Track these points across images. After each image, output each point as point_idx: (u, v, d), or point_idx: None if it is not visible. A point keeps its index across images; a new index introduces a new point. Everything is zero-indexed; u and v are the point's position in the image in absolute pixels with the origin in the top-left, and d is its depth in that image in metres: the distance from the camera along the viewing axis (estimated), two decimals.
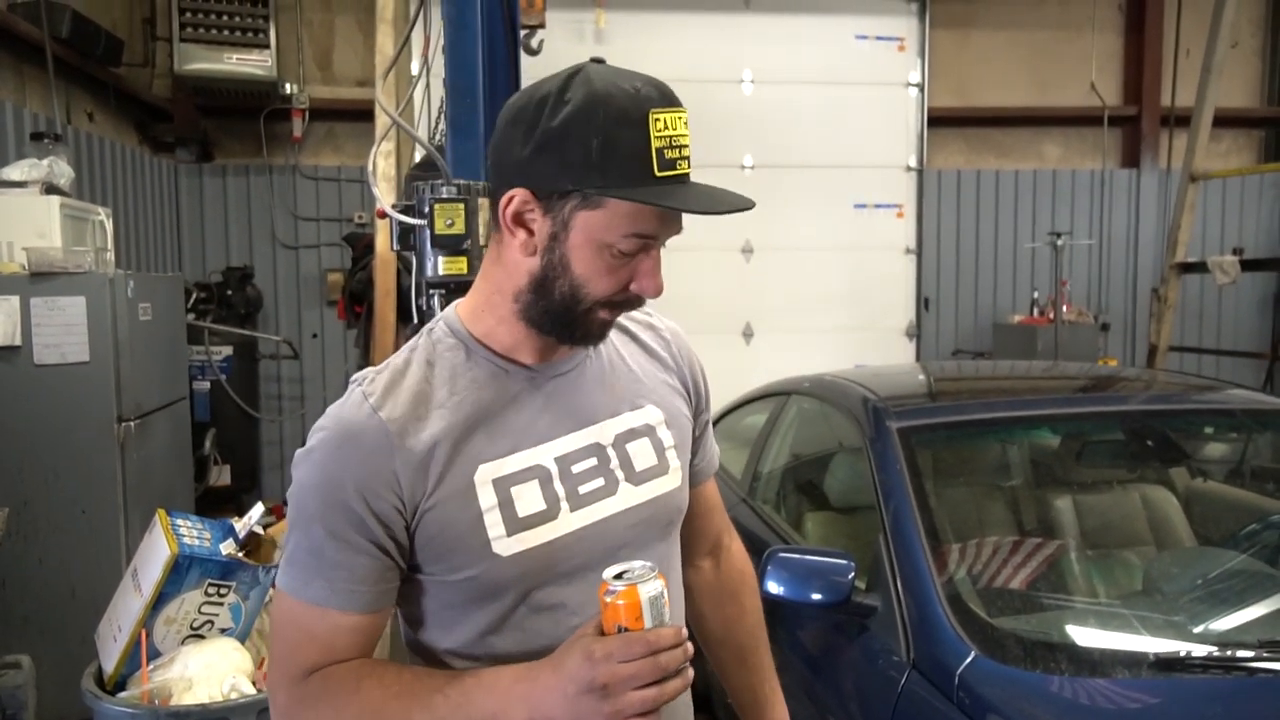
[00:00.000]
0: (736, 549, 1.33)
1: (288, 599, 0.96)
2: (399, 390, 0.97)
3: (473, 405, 0.98)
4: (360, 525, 0.93)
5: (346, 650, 0.96)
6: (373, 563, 0.94)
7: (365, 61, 5.77)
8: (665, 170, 0.91)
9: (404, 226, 2.04)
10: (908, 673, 1.70)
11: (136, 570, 2.02)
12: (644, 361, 1.14)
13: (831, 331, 6.19)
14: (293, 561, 0.96)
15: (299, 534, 0.95)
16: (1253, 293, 6.61)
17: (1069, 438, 2.55)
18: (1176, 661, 1.54)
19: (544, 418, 1.02)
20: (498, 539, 0.96)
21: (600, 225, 0.93)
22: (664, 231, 0.96)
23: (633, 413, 1.09)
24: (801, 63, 6.11)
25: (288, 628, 0.97)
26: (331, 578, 0.93)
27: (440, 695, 0.91)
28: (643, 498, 1.06)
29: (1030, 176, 6.47)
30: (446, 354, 1.01)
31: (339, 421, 0.96)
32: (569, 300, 0.96)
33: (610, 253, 0.94)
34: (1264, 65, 6.70)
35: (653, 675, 0.85)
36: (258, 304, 5.77)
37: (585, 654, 0.86)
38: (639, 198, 0.90)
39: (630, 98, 0.91)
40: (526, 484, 0.99)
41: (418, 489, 0.94)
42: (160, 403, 3.59)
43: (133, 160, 5.09)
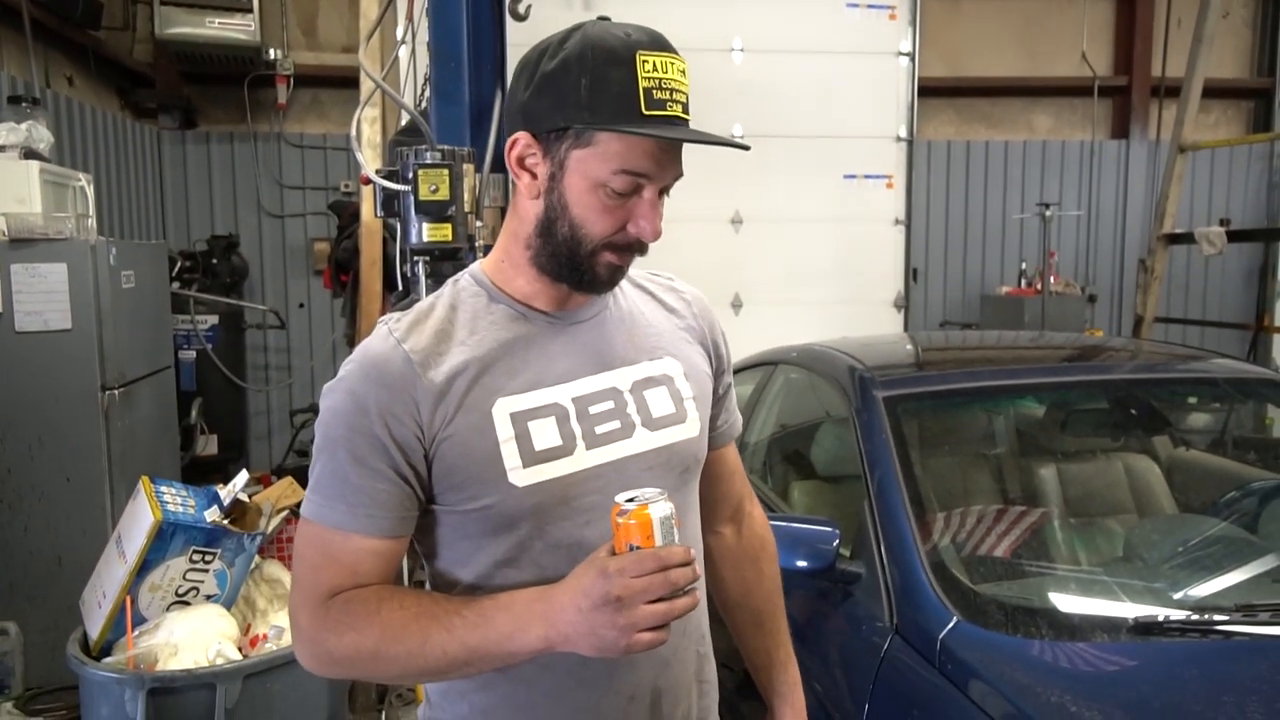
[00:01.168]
0: (758, 515, 1.35)
1: (311, 524, 1.00)
2: (423, 327, 1.02)
3: (493, 343, 1.03)
4: (382, 451, 0.97)
5: (368, 574, 0.99)
6: (393, 489, 0.98)
7: (350, 27, 5.68)
8: (654, 110, 0.95)
9: (388, 193, 2.02)
10: (891, 638, 1.71)
11: (121, 537, 2.02)
12: (664, 318, 1.17)
13: (820, 302, 6.18)
14: (317, 487, 0.99)
15: (324, 459, 0.99)
16: (1239, 264, 6.64)
17: (1054, 407, 2.56)
18: (1154, 625, 1.56)
19: (563, 360, 1.05)
20: (514, 470, 0.99)
21: (592, 162, 0.97)
22: (657, 172, 0.98)
23: (651, 362, 1.12)
24: (792, 31, 6.04)
25: (310, 552, 1.00)
26: (354, 502, 0.97)
27: (458, 617, 0.95)
28: (658, 443, 1.08)
29: (1020, 147, 6.45)
30: (469, 299, 1.06)
31: (365, 353, 1.01)
32: (571, 242, 1.00)
33: (605, 192, 0.98)
34: (1254, 36, 6.67)
35: (664, 589, 0.89)
36: (243, 273, 5.72)
37: (600, 569, 0.90)
38: (624, 128, 0.94)
39: (621, 41, 0.96)
40: (544, 420, 1.02)
41: (437, 418, 0.98)
42: (145, 371, 3.57)
43: (114, 126, 5.01)
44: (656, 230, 1.01)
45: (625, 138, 0.96)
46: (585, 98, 0.95)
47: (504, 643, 0.94)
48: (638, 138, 0.96)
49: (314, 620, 0.99)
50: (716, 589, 1.33)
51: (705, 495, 1.24)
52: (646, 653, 1.02)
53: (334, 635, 0.97)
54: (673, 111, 0.96)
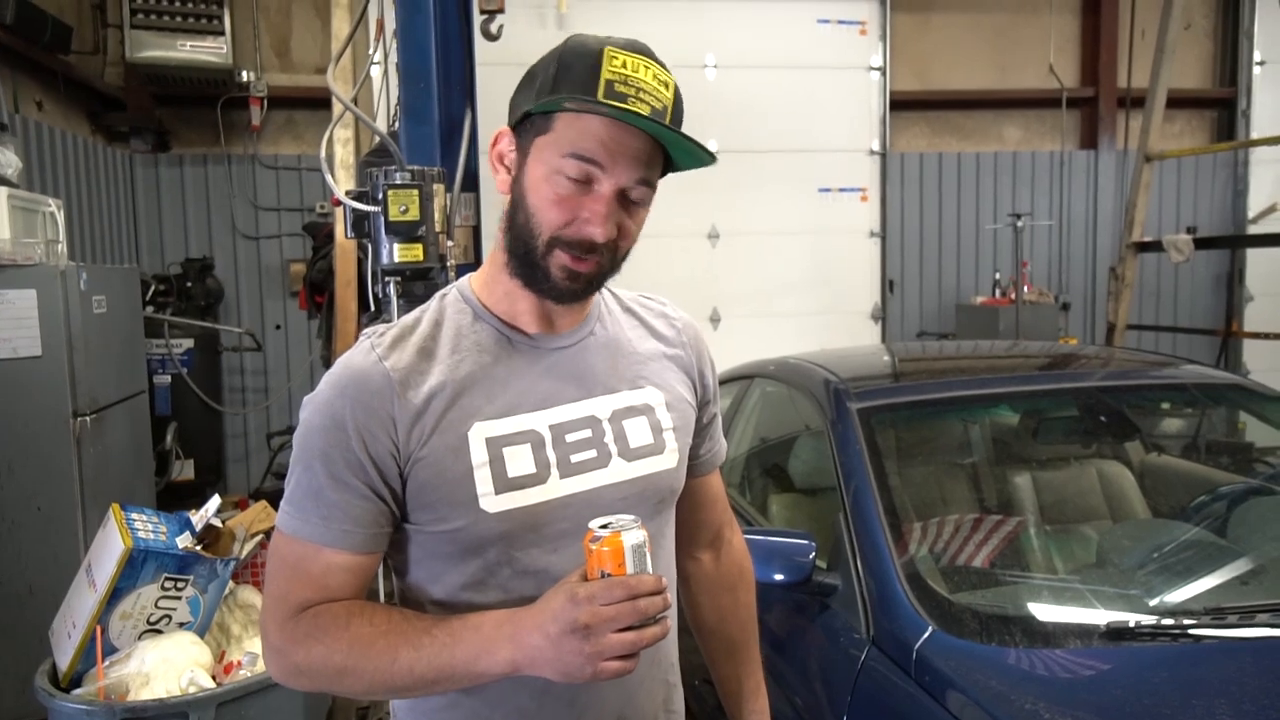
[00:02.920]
0: (737, 543, 1.35)
1: (284, 537, 1.00)
2: (405, 344, 1.02)
3: (473, 365, 1.02)
4: (358, 467, 0.97)
5: (339, 589, 0.99)
6: (367, 505, 0.98)
7: (324, 48, 5.68)
8: (612, 99, 0.94)
9: (358, 214, 2.02)
10: (867, 649, 1.71)
11: (91, 566, 1.99)
12: (651, 346, 1.16)
13: (798, 315, 6.22)
14: (292, 500, 0.99)
15: (299, 472, 0.99)
16: (1206, 270, 6.73)
17: (1027, 415, 2.58)
18: (1126, 631, 1.57)
19: (542, 385, 1.05)
20: (485, 495, 0.99)
21: (548, 148, 0.97)
22: (609, 162, 0.96)
23: (632, 391, 1.11)
24: (764, 47, 6.11)
25: (283, 566, 1.00)
26: (327, 516, 0.97)
27: (428, 635, 0.95)
28: (634, 473, 1.08)
29: (991, 158, 6.54)
30: (454, 316, 1.06)
31: (346, 367, 1.01)
32: (526, 234, 1.00)
33: (559, 180, 0.97)
34: (1216, 47, 6.80)
35: (632, 619, 0.88)
36: (218, 296, 5.68)
37: (569, 595, 0.89)
38: (565, 106, 0.94)
39: (597, 40, 0.99)
40: (519, 446, 1.01)
41: (413, 437, 0.98)
42: (118, 397, 3.53)
43: (85, 150, 4.97)
44: (606, 231, 0.98)
45: (578, 122, 0.95)
46: (549, 84, 0.97)
47: (471, 664, 0.93)
48: (592, 121, 0.95)
49: (282, 633, 0.99)
50: (692, 614, 1.33)
51: (685, 521, 1.24)
52: (613, 680, 1.01)
53: (302, 649, 0.97)
54: (636, 107, 0.94)
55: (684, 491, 1.19)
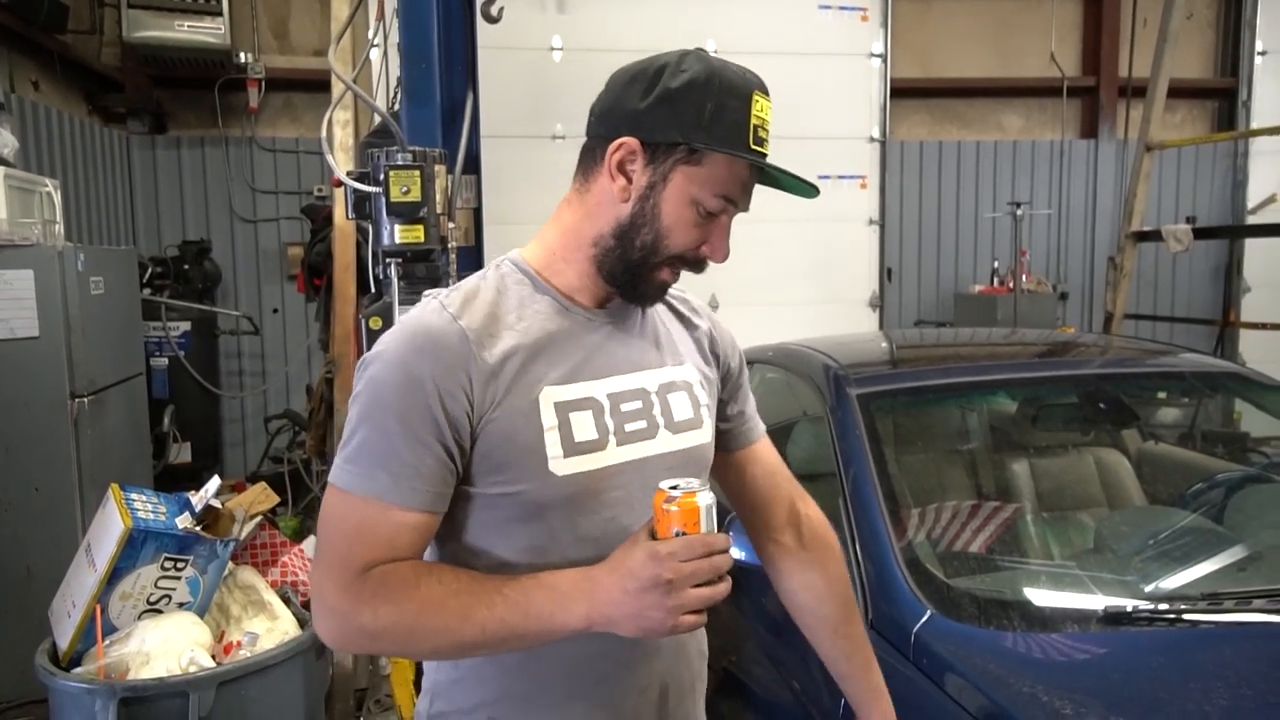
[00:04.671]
0: (815, 515, 1.32)
1: (347, 496, 0.98)
2: (473, 306, 1.03)
3: (539, 332, 1.05)
4: (432, 424, 0.97)
5: (406, 548, 0.98)
6: (437, 463, 0.98)
7: (322, 30, 5.65)
8: (757, 146, 1.04)
9: (359, 195, 2.01)
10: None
11: (90, 546, 1.99)
12: (681, 330, 1.22)
13: (796, 303, 6.21)
14: (355, 458, 0.98)
15: (368, 429, 0.98)
16: (1205, 261, 6.73)
17: (1025, 403, 2.59)
18: (1124, 616, 1.58)
19: (599, 356, 1.08)
20: (555, 458, 1.01)
21: (698, 180, 1.03)
22: (743, 202, 1.07)
23: (675, 368, 1.16)
24: (765, 33, 6.07)
25: (344, 523, 0.98)
26: (397, 473, 0.96)
27: (499, 595, 0.95)
28: (679, 445, 1.12)
29: (991, 147, 6.52)
30: (514, 286, 1.08)
31: (420, 324, 1.01)
32: (648, 250, 1.05)
33: (698, 209, 1.04)
34: (1217, 36, 6.78)
35: (710, 574, 0.93)
36: (216, 279, 5.66)
37: (649, 553, 0.92)
38: (744, 156, 1.02)
39: (739, 76, 1.05)
40: (583, 412, 1.04)
41: (487, 397, 0.99)
42: (115, 379, 3.53)
43: (82, 131, 4.95)
44: (727, 253, 1.08)
45: (732, 164, 1.03)
46: (708, 120, 1.01)
47: (545, 620, 0.95)
48: (741, 166, 1.04)
49: (346, 594, 0.96)
50: (786, 599, 1.32)
51: (755, 500, 1.27)
52: (660, 650, 1.11)
53: (369, 609, 0.96)
54: (765, 150, 1.05)
55: (741, 468, 1.26)
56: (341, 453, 1.00)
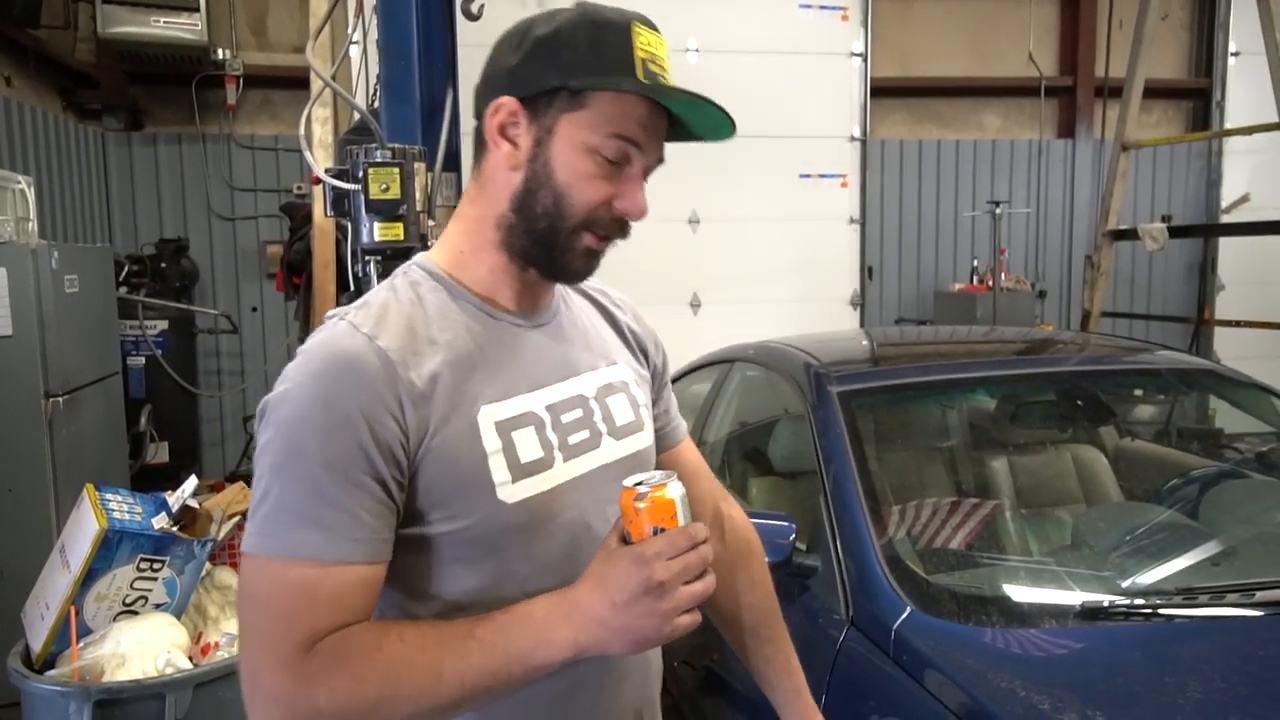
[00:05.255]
0: (737, 516, 1.27)
1: (273, 564, 0.84)
2: (388, 322, 0.90)
3: (466, 344, 0.94)
4: (365, 461, 0.84)
5: (356, 609, 0.85)
6: (377, 505, 0.86)
7: (301, 27, 5.60)
8: (649, 80, 0.92)
9: (338, 192, 1.99)
10: (846, 630, 1.73)
11: (65, 546, 1.97)
12: (606, 327, 1.14)
13: (778, 301, 6.23)
14: (276, 517, 0.84)
15: (288, 482, 0.84)
16: (1180, 259, 6.82)
17: (1004, 400, 2.61)
18: (1100, 610, 1.60)
19: (532, 365, 0.99)
20: (503, 484, 0.91)
21: (584, 124, 0.92)
22: (647, 143, 0.95)
23: (609, 368, 1.08)
24: (747, 32, 6.09)
25: (277, 597, 0.84)
26: (332, 525, 0.83)
27: (472, 639, 0.85)
28: (624, 451, 1.04)
29: (970, 146, 6.57)
30: (429, 294, 0.96)
31: (331, 350, 0.87)
32: (553, 215, 0.94)
33: (595, 159, 0.93)
34: (1192, 38, 6.86)
35: (700, 567, 0.86)
36: (194, 277, 5.61)
37: (634, 557, 0.85)
38: (626, 87, 0.91)
39: (616, 12, 0.94)
40: (525, 429, 0.95)
41: (422, 424, 0.88)
42: (91, 378, 3.49)
43: (56, 127, 4.88)
44: (643, 208, 0.96)
45: (620, 100, 0.92)
46: (583, 57, 0.91)
47: (529, 658, 0.85)
48: (632, 101, 0.92)
49: (293, 677, 0.82)
50: (708, 604, 1.29)
51: None
52: (631, 673, 1.04)
53: (323, 689, 0.81)
54: (665, 83, 0.93)
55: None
56: (256, 514, 0.85)
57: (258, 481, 0.86)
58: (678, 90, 0.92)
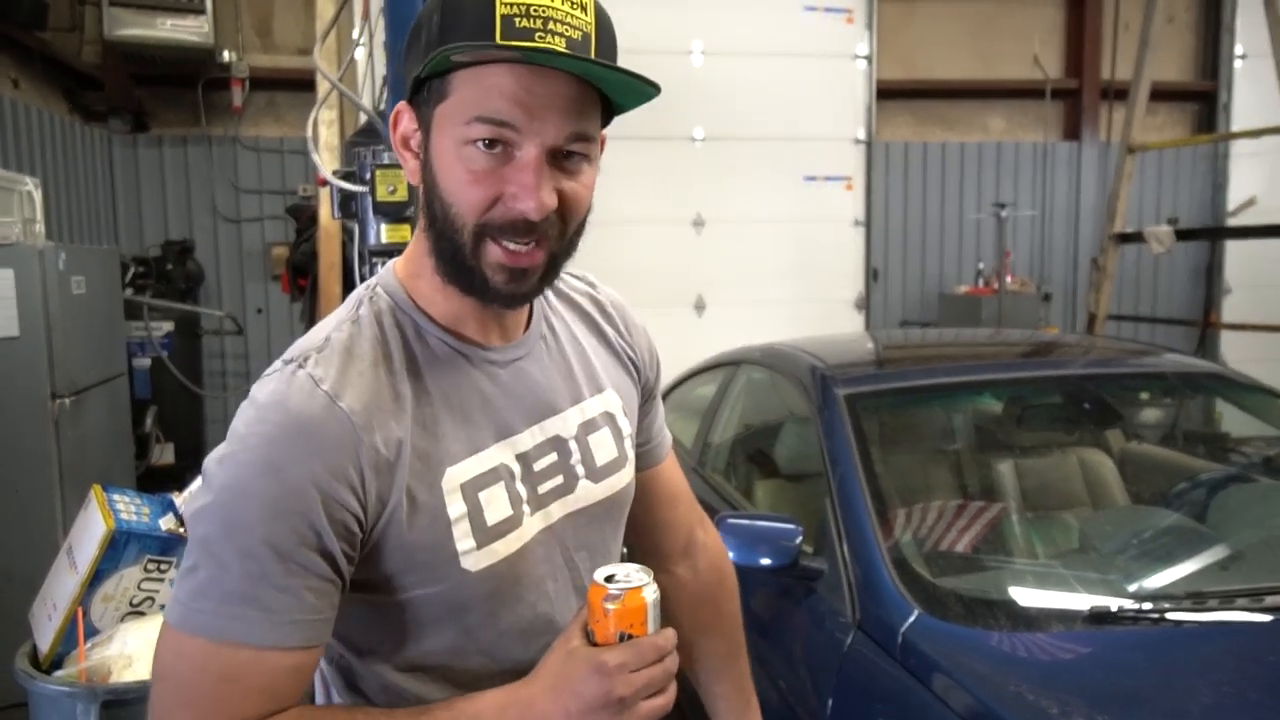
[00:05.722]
0: (712, 544, 1.20)
1: (198, 643, 0.75)
2: (351, 375, 0.80)
3: (433, 397, 0.84)
4: (315, 540, 0.76)
5: (287, 696, 0.78)
6: (322, 583, 0.77)
7: (307, 29, 5.61)
8: (515, 39, 0.75)
9: (345, 194, 2.00)
10: (852, 633, 1.73)
11: (72, 547, 1.97)
12: (594, 339, 1.03)
13: (782, 303, 6.23)
14: (208, 593, 0.75)
15: (227, 555, 0.75)
16: (1186, 262, 6.80)
17: (1010, 403, 2.61)
18: (1108, 615, 1.59)
19: (505, 409, 0.89)
20: (467, 553, 0.83)
21: (451, 114, 0.78)
22: (526, 121, 0.77)
23: (594, 398, 0.98)
24: (751, 34, 6.10)
25: (200, 680, 0.75)
26: (271, 607, 0.75)
27: None
28: (600, 495, 0.96)
29: (975, 149, 6.56)
30: (392, 329, 0.86)
31: (287, 412, 0.77)
32: (447, 228, 0.81)
33: (471, 153, 0.78)
34: (1198, 40, 6.85)
35: (664, 682, 0.81)
36: (199, 279, 5.62)
37: (594, 666, 0.78)
38: (452, 57, 0.75)
39: None
40: (493, 487, 0.86)
41: (383, 494, 0.79)
42: (97, 379, 3.49)
43: (62, 129, 4.90)
44: (540, 203, 0.78)
45: (479, 77, 0.76)
46: (436, 35, 0.77)
47: None
48: (493, 76, 0.76)
49: None
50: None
51: (650, 525, 1.11)
52: None
53: None
54: (548, 43, 0.75)
55: (643, 489, 1.07)
56: (185, 584, 0.76)
57: (190, 548, 0.77)
58: (518, 48, 0.74)
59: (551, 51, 0.75)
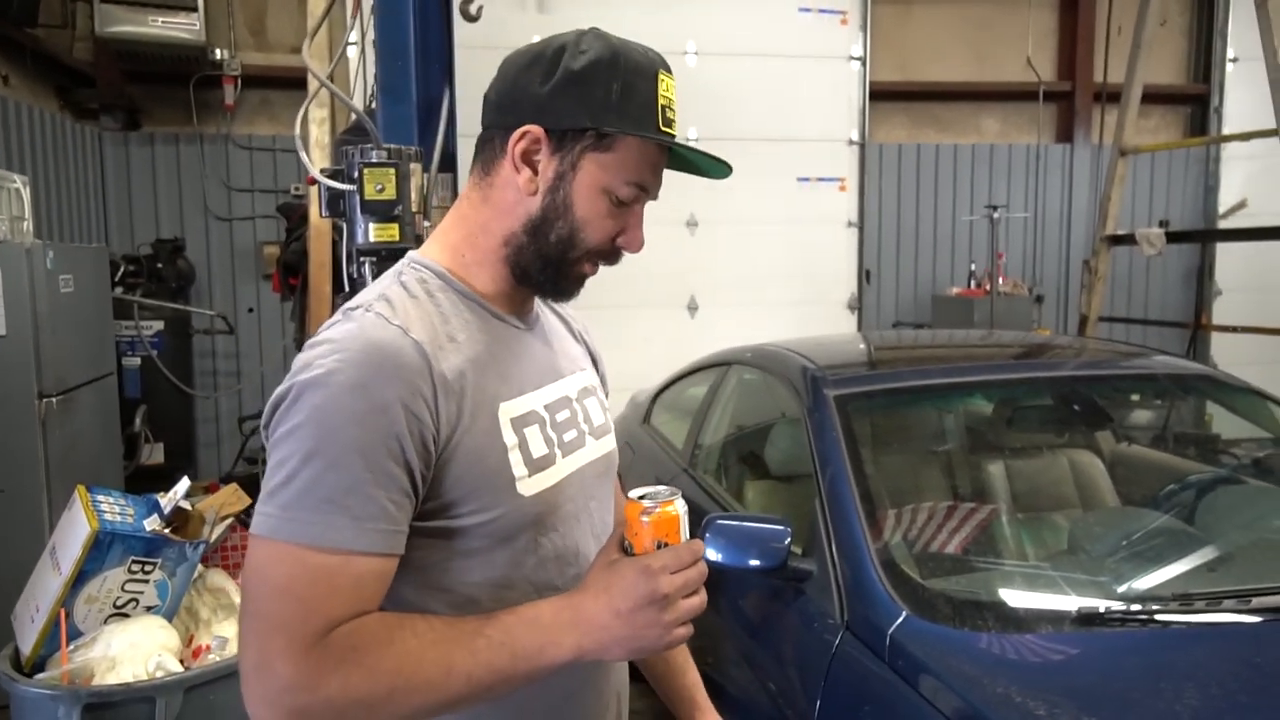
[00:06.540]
0: None
1: (293, 549, 0.83)
2: (412, 314, 0.93)
3: (479, 344, 0.98)
4: (399, 453, 0.86)
5: (371, 600, 0.87)
6: (402, 497, 0.87)
7: (300, 27, 5.58)
8: (667, 128, 0.98)
9: (333, 192, 1.98)
10: (841, 634, 1.72)
11: (55, 548, 1.96)
12: (567, 335, 1.20)
13: (775, 304, 6.23)
14: (301, 503, 0.84)
15: (319, 467, 0.84)
16: (1178, 264, 6.81)
17: (1001, 404, 2.60)
18: (1096, 616, 1.59)
19: (531, 367, 1.04)
20: (521, 478, 0.96)
21: (610, 168, 0.97)
22: (655, 188, 1.02)
23: (581, 373, 1.14)
24: (746, 35, 6.09)
25: (295, 582, 0.83)
26: (360, 515, 0.84)
27: (481, 638, 0.88)
28: (601, 451, 1.11)
29: (969, 150, 6.57)
30: (439, 293, 0.99)
31: (368, 339, 0.88)
32: (565, 244, 0.99)
33: (611, 198, 0.98)
34: (1190, 43, 6.86)
35: (699, 582, 0.92)
36: (190, 278, 5.59)
37: (641, 569, 0.89)
38: (656, 139, 0.97)
39: (643, 54, 0.99)
40: (534, 426, 1.00)
41: (451, 417, 0.91)
42: (85, 378, 3.47)
43: (53, 126, 4.87)
44: (642, 242, 1.03)
45: (643, 148, 0.97)
46: (616, 102, 0.95)
47: (534, 658, 0.88)
48: (650, 150, 0.98)
49: (307, 664, 0.82)
50: None
51: None
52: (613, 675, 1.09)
53: (337, 678, 0.82)
54: (674, 132, 0.99)
55: None
56: (276, 498, 0.85)
57: (279, 465, 0.86)
58: (694, 151, 0.99)
59: (688, 145, 0.99)
